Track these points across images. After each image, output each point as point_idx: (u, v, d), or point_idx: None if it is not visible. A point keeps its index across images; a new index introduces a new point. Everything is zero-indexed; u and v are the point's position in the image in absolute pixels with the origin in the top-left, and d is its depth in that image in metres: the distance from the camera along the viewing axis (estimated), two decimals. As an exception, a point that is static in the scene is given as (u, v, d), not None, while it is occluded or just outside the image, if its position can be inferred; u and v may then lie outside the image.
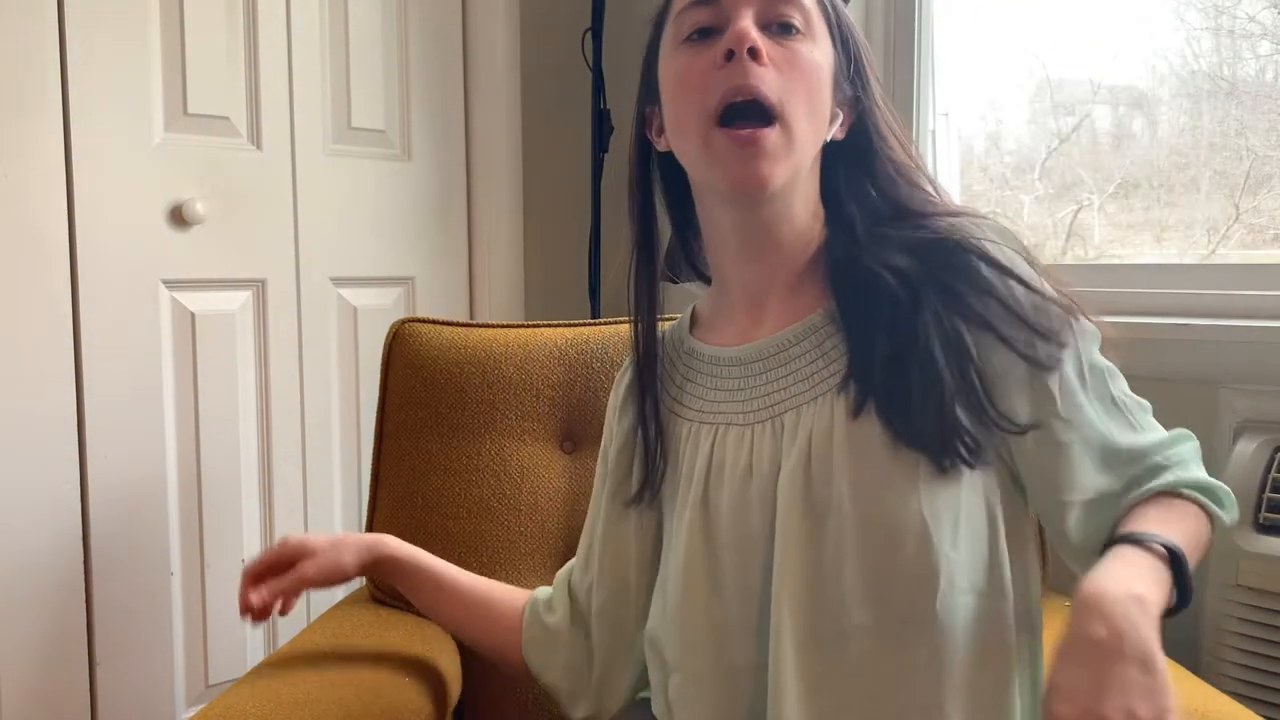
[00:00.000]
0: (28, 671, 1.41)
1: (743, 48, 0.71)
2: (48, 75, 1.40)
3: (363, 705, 0.89)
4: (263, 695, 0.88)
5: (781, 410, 0.76)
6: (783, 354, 0.78)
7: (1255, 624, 1.09)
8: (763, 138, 0.71)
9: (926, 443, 0.69)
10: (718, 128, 0.72)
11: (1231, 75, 1.41)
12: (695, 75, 0.74)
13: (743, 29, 0.71)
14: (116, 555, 1.50)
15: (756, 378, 0.78)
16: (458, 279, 1.94)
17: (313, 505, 1.73)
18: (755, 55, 0.71)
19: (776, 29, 0.74)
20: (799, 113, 0.73)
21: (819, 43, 0.75)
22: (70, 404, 1.45)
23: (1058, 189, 1.61)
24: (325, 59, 1.71)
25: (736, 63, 0.71)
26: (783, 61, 0.73)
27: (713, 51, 0.73)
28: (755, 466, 0.76)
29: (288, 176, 1.67)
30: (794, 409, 0.75)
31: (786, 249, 0.79)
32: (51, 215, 1.42)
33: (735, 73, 0.71)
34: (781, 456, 0.75)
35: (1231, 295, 1.26)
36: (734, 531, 0.76)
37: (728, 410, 0.79)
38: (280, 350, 1.67)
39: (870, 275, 0.74)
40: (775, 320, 0.79)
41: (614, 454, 0.89)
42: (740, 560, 0.76)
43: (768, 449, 0.76)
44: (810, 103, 0.74)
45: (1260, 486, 1.12)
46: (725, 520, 0.77)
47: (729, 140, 0.72)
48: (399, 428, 1.18)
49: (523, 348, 1.20)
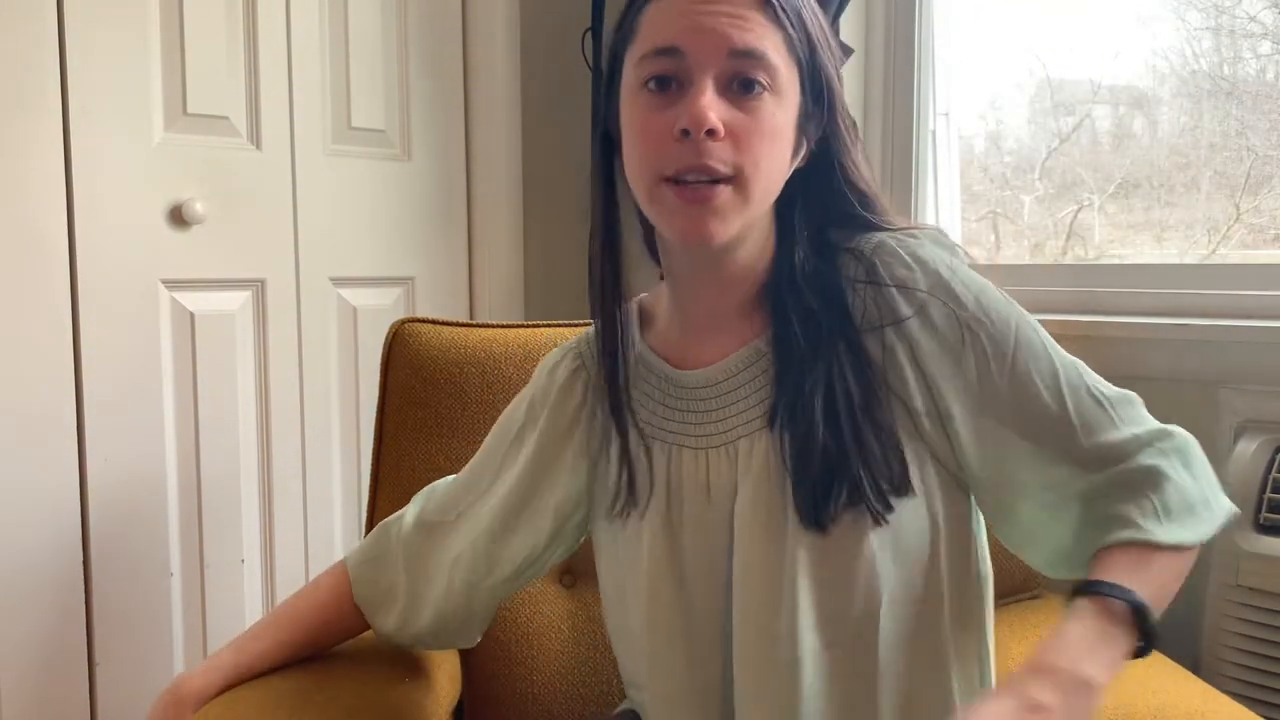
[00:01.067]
0: (28, 672, 1.41)
1: (699, 130, 0.68)
2: (48, 75, 1.40)
3: (363, 705, 0.89)
4: (263, 695, 0.88)
5: (735, 437, 0.76)
6: (731, 379, 0.77)
7: (1255, 624, 1.09)
8: (714, 195, 0.70)
9: (825, 507, 0.70)
10: (666, 183, 0.71)
11: (1232, 75, 1.41)
12: (651, 136, 0.71)
13: (700, 110, 0.68)
14: (116, 556, 1.50)
15: (708, 401, 0.78)
16: (458, 279, 1.94)
17: (312, 505, 1.73)
18: (712, 134, 0.68)
19: (738, 86, 0.70)
20: (755, 174, 0.71)
21: (784, 97, 0.72)
22: (70, 404, 1.45)
23: (1058, 189, 1.61)
24: (325, 59, 1.71)
25: (692, 142, 0.68)
26: (742, 132, 0.70)
27: (672, 113, 0.70)
28: (713, 490, 0.76)
29: (287, 176, 1.67)
30: (748, 436, 0.76)
31: (738, 276, 0.78)
32: (51, 215, 1.42)
33: (689, 152, 0.69)
34: (738, 481, 0.75)
35: (1231, 295, 1.26)
36: (696, 555, 0.76)
37: (678, 431, 0.79)
38: (280, 350, 1.67)
39: (799, 309, 0.74)
40: (724, 343, 0.79)
41: (541, 438, 0.86)
42: (703, 584, 0.76)
43: (724, 473, 0.76)
44: (769, 163, 0.72)
45: (1260, 486, 1.12)
46: (687, 543, 0.77)
47: (676, 196, 0.70)
48: (399, 428, 1.18)
49: (523, 348, 1.20)
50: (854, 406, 0.71)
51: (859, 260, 0.75)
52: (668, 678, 0.78)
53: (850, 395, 0.71)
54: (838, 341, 0.73)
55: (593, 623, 1.13)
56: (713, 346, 0.79)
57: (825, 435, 0.71)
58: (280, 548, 1.69)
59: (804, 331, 0.73)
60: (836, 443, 0.70)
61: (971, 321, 0.73)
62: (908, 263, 0.74)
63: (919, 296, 0.73)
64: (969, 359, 0.72)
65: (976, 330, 0.73)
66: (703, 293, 0.79)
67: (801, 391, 0.72)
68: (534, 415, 0.88)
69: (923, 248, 0.75)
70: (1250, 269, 1.29)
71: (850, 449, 0.70)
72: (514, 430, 0.89)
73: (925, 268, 0.74)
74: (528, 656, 1.11)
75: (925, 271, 0.74)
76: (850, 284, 0.75)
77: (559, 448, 0.86)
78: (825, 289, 0.75)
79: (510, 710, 1.11)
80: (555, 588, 1.16)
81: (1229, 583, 1.11)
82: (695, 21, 0.70)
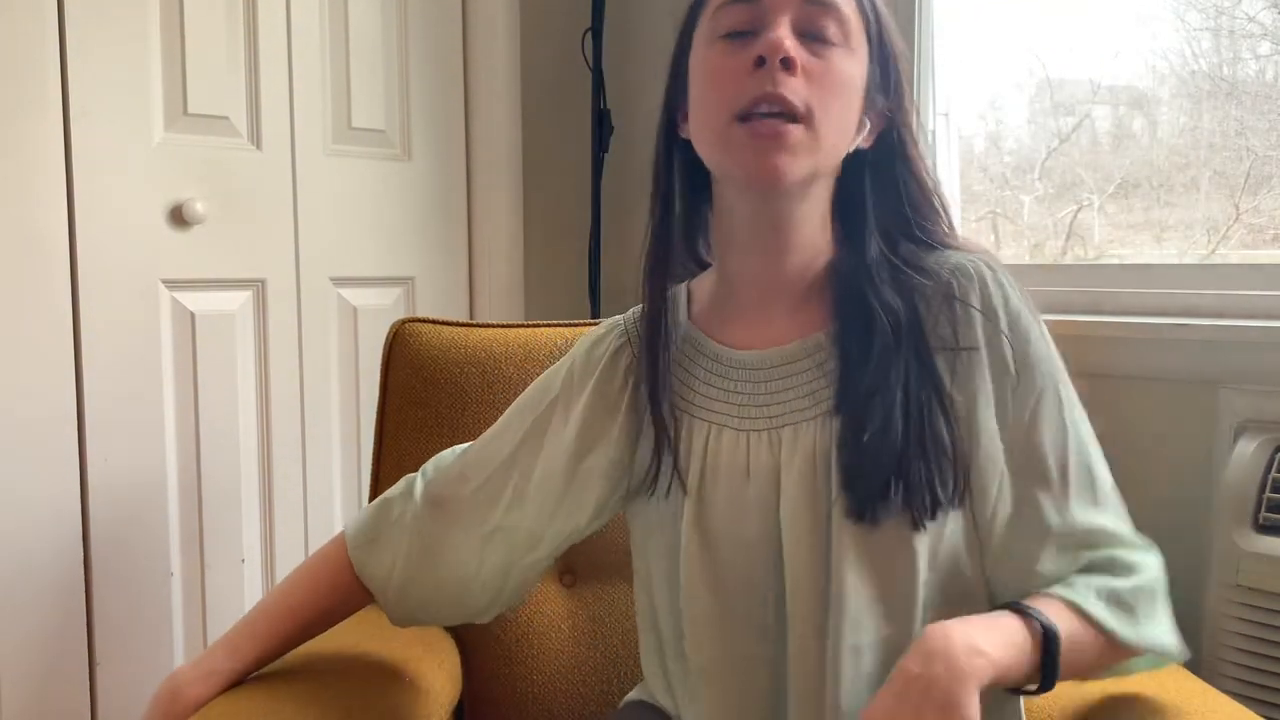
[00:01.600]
0: (28, 671, 1.41)
1: (775, 57, 0.70)
2: (48, 75, 1.40)
3: (364, 705, 0.89)
4: (263, 695, 0.88)
5: (779, 424, 0.77)
6: (786, 367, 0.78)
7: (1255, 624, 1.09)
8: (786, 133, 0.71)
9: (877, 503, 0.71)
10: (738, 123, 0.72)
11: (1231, 75, 1.41)
12: (725, 75, 0.73)
13: (777, 38, 0.70)
14: (116, 556, 1.50)
15: (756, 385, 0.78)
16: (458, 279, 1.94)
17: (312, 505, 1.73)
18: (788, 65, 0.70)
19: (813, 37, 0.73)
20: (826, 119, 0.72)
21: (855, 54, 0.74)
22: (70, 404, 1.45)
23: (1058, 189, 1.61)
24: (325, 59, 1.71)
25: (767, 70, 0.71)
26: (815, 72, 0.72)
27: (746, 53, 0.72)
28: (753, 471, 0.77)
29: (288, 176, 1.67)
30: (792, 425, 0.76)
31: (794, 253, 0.78)
32: (51, 215, 1.42)
33: (765, 80, 0.71)
34: (781, 466, 0.76)
35: (1231, 295, 1.26)
36: (730, 532, 0.77)
37: (721, 411, 0.79)
38: (280, 350, 1.67)
39: (869, 310, 0.74)
40: (783, 330, 0.79)
41: (585, 412, 0.85)
42: (741, 559, 0.77)
43: (765, 457, 0.76)
44: (839, 112, 0.73)
45: (1260, 486, 1.12)
46: (720, 521, 0.77)
47: (748, 134, 0.72)
48: (399, 428, 1.18)
49: (523, 348, 1.20)
50: (922, 415, 0.72)
51: (933, 277, 0.76)
52: (709, 648, 0.78)
53: (919, 403, 0.72)
54: (909, 349, 0.73)
55: (593, 622, 1.13)
56: (766, 329, 0.80)
57: (891, 437, 0.71)
58: (280, 548, 1.69)
59: (877, 330, 0.74)
60: (902, 444, 0.71)
61: (1022, 366, 0.74)
62: (988, 294, 0.75)
63: (988, 329, 0.74)
64: (1005, 395, 0.74)
65: (1021, 374, 0.74)
66: (758, 263, 0.79)
67: (874, 390, 0.72)
68: (572, 389, 0.87)
69: (997, 279, 0.76)
70: (1250, 269, 1.28)
71: (913, 454, 0.71)
72: (545, 402, 0.88)
73: (1004, 304, 0.75)
74: (528, 656, 1.11)
75: (1004, 308, 0.75)
76: (924, 297, 0.75)
77: (605, 424, 0.85)
78: (900, 293, 0.75)
79: (510, 710, 1.11)
80: (555, 588, 1.16)
81: (1229, 583, 1.11)
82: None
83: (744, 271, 0.81)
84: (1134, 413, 1.23)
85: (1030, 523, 0.72)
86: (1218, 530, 1.13)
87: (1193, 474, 1.21)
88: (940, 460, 0.71)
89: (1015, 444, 0.73)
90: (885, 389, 0.72)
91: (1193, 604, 1.15)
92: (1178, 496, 1.20)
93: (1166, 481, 1.22)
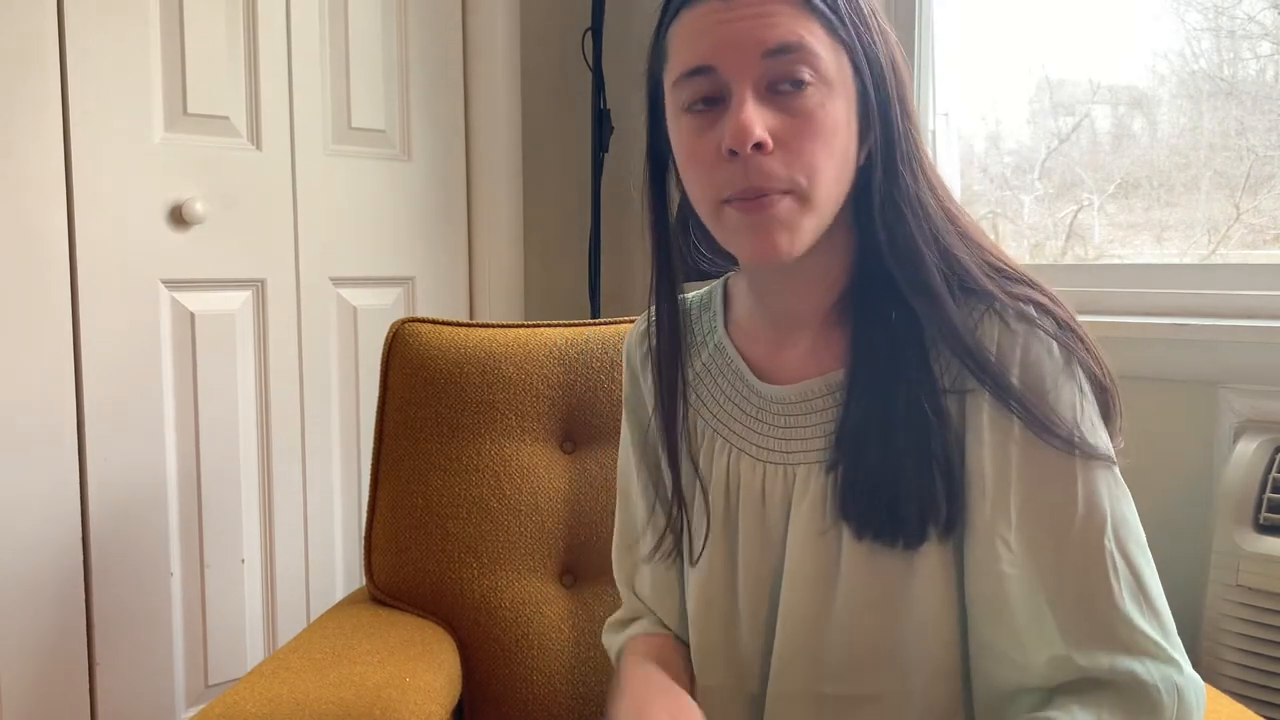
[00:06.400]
0: (28, 671, 1.41)
1: (744, 147, 0.64)
2: (48, 75, 1.41)
3: (363, 705, 0.89)
4: (263, 695, 0.88)
5: (795, 461, 0.75)
6: (804, 404, 0.75)
7: (1255, 624, 1.09)
8: (777, 206, 0.66)
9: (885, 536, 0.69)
10: (725, 205, 0.68)
11: (1231, 75, 1.41)
12: (701, 158, 0.69)
13: (742, 123, 0.64)
14: (116, 556, 1.50)
15: (776, 418, 0.77)
16: (458, 279, 1.94)
17: (313, 505, 1.73)
18: (760, 148, 0.65)
19: (784, 85, 0.66)
20: (815, 180, 0.67)
21: (835, 87, 0.67)
22: (70, 404, 1.45)
23: (1058, 189, 1.61)
24: (325, 59, 1.71)
25: (740, 160, 0.65)
26: (793, 133, 0.66)
27: (715, 134, 0.67)
28: (768, 500, 0.76)
29: (287, 176, 1.67)
30: (806, 465, 0.74)
31: (815, 279, 0.75)
32: (51, 215, 1.42)
33: (739, 173, 0.66)
34: (792, 501, 0.74)
35: (1231, 295, 1.26)
36: (749, 560, 0.77)
37: (742, 434, 0.78)
38: (280, 350, 1.67)
39: (878, 352, 0.71)
40: (802, 363, 0.76)
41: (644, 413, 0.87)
42: (753, 590, 0.76)
43: (779, 489, 0.75)
44: (827, 162, 0.67)
45: (1260, 486, 1.12)
46: (743, 547, 0.77)
47: (740, 213, 0.67)
48: (399, 428, 1.18)
49: (523, 348, 1.20)
50: (916, 443, 0.68)
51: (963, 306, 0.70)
52: (718, 676, 0.78)
53: (917, 431, 0.68)
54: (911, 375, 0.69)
55: (593, 622, 1.13)
56: (795, 359, 0.77)
57: (879, 473, 0.69)
58: (280, 548, 1.69)
59: (883, 372, 0.70)
60: (891, 478, 0.68)
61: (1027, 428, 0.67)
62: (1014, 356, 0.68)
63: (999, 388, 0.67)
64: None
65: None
66: (780, 297, 0.77)
67: (861, 429, 0.70)
68: (631, 408, 0.89)
69: (1040, 345, 0.68)
70: (1250, 269, 1.29)
71: (909, 487, 0.68)
72: (629, 440, 0.90)
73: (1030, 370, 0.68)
74: (528, 656, 1.11)
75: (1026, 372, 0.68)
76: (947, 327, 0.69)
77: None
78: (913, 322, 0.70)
79: (510, 710, 1.11)
80: (555, 588, 1.16)
81: (1229, 583, 1.11)
82: (721, 34, 0.66)
83: (768, 296, 0.79)
84: (1134, 413, 1.23)
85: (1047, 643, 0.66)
86: (1218, 530, 1.13)
87: (1193, 474, 1.21)
88: (934, 487, 0.68)
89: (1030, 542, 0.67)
90: (878, 424, 0.69)
91: (1193, 604, 1.15)
92: (1178, 496, 1.20)
93: (1166, 481, 1.22)
